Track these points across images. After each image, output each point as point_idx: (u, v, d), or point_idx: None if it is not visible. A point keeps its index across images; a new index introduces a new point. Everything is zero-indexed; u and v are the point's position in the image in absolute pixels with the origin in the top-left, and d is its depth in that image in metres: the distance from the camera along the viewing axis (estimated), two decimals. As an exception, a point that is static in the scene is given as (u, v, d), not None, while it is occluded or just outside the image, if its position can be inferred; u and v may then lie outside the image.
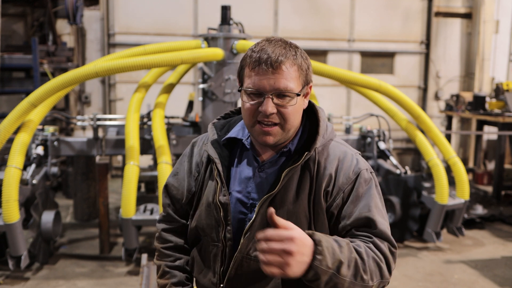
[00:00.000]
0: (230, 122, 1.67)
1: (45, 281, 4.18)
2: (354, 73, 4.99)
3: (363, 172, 1.50)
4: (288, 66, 1.41)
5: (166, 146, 4.51)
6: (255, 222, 1.47)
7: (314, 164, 1.50)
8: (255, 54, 1.43)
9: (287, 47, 1.45)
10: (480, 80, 9.20)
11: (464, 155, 9.46)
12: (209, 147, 1.59)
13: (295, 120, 1.48)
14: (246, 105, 1.46)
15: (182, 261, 1.70)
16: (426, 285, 4.25)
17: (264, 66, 1.40)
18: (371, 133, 5.57)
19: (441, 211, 4.89)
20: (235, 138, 1.59)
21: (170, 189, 1.72)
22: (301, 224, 1.46)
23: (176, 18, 8.40)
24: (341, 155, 1.52)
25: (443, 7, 9.21)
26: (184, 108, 6.28)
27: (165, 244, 1.72)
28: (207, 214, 1.57)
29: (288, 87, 1.41)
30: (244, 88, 1.45)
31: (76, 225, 5.71)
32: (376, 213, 1.46)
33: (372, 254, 1.38)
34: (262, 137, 1.46)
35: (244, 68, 1.47)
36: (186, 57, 4.37)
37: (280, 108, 1.42)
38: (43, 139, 4.83)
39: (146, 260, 4.02)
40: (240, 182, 1.56)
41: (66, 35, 8.21)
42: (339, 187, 1.48)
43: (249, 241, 1.48)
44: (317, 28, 8.83)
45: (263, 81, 1.41)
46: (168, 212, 1.73)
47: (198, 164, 1.66)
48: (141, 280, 3.72)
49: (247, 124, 1.49)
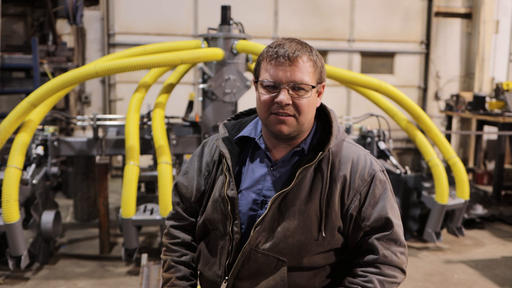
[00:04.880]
0: (241, 122, 1.70)
1: (45, 281, 4.18)
2: (354, 73, 4.99)
3: (378, 174, 1.56)
4: (304, 59, 1.47)
5: (166, 146, 4.51)
6: (267, 216, 1.51)
7: (327, 164, 1.53)
8: (272, 49, 1.49)
9: (303, 45, 1.52)
10: (480, 80, 9.19)
11: (464, 155, 9.46)
12: (220, 143, 1.62)
13: (309, 113, 1.52)
14: (262, 97, 1.50)
15: (188, 257, 1.73)
16: (426, 285, 4.25)
17: (282, 59, 1.45)
18: (371, 133, 5.56)
19: (441, 211, 4.89)
20: (247, 137, 1.63)
21: (179, 188, 1.75)
22: (311, 222, 1.51)
23: (176, 18, 8.40)
24: (355, 157, 1.56)
25: (443, 7, 9.20)
26: (184, 108, 6.28)
27: (173, 240, 1.76)
28: (213, 208, 1.61)
29: (304, 80, 1.46)
30: (260, 80, 1.50)
31: (76, 225, 5.71)
32: (392, 214, 1.55)
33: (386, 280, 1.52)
34: (277, 126, 1.49)
35: (261, 62, 1.52)
36: (186, 57, 4.37)
37: (295, 99, 1.47)
38: (43, 139, 4.83)
39: (146, 260, 4.02)
40: (251, 180, 1.59)
41: (66, 35, 8.21)
42: (356, 189, 1.53)
43: (259, 234, 1.51)
44: (317, 28, 8.83)
45: (279, 74, 1.46)
46: (177, 210, 1.76)
47: (208, 164, 1.69)
48: (141, 280, 3.72)
49: (262, 116, 1.53)
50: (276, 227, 1.51)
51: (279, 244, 1.50)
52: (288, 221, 1.50)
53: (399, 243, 1.55)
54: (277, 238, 1.51)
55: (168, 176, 4.31)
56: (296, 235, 1.50)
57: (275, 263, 1.51)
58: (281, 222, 1.51)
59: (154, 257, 4.44)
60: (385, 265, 1.52)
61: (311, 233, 1.51)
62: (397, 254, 1.54)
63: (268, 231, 1.51)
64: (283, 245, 1.50)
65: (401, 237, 1.56)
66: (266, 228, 1.51)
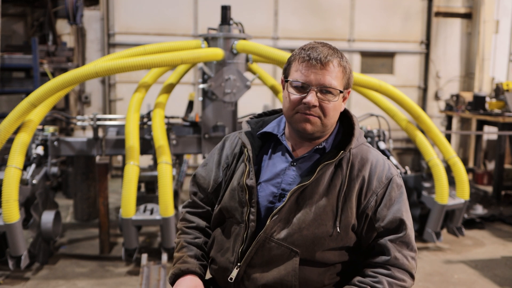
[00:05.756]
0: (264, 120, 1.76)
1: (45, 281, 4.18)
2: (354, 73, 4.98)
3: (395, 178, 1.62)
4: (335, 65, 1.52)
5: (166, 146, 4.51)
6: (284, 207, 1.55)
7: (347, 164, 1.58)
8: (305, 52, 1.54)
9: (335, 50, 1.56)
10: (480, 80, 9.19)
11: (464, 155, 9.46)
12: (243, 135, 1.68)
13: (334, 116, 1.57)
14: (292, 96, 1.54)
15: (201, 240, 1.77)
16: (426, 285, 4.25)
17: (314, 61, 1.50)
18: (371, 133, 5.56)
19: (441, 211, 4.89)
20: (270, 133, 1.69)
21: (197, 178, 1.82)
22: (327, 217, 1.55)
23: (176, 18, 8.40)
24: (374, 160, 1.62)
25: (443, 7, 9.20)
26: (184, 108, 6.28)
27: (187, 223, 1.81)
28: (231, 196, 1.66)
29: (333, 84, 1.51)
30: (291, 80, 1.55)
31: (76, 225, 5.71)
32: (406, 217, 1.60)
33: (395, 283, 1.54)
34: (302, 124, 1.54)
35: (292, 63, 1.57)
36: (186, 57, 4.37)
37: (322, 102, 1.52)
38: (43, 139, 4.82)
39: (146, 260, 4.02)
40: (271, 173, 1.63)
41: (66, 35, 8.21)
42: (373, 190, 1.58)
43: (275, 224, 1.56)
44: (317, 28, 8.83)
45: (310, 75, 1.51)
46: (194, 199, 1.83)
47: (228, 156, 1.74)
48: (141, 280, 3.72)
49: (288, 114, 1.58)
50: (292, 219, 1.55)
51: (294, 235, 1.54)
52: (305, 214, 1.55)
53: (411, 248, 1.59)
54: (292, 229, 1.55)
55: (168, 176, 4.31)
56: (311, 228, 1.54)
57: (288, 253, 1.54)
58: (297, 214, 1.56)
59: (154, 257, 4.44)
60: (396, 268, 1.55)
61: (326, 228, 1.55)
62: (408, 258, 1.57)
63: (284, 222, 1.56)
64: (298, 236, 1.54)
65: (413, 241, 1.61)
66: (282, 218, 1.56)
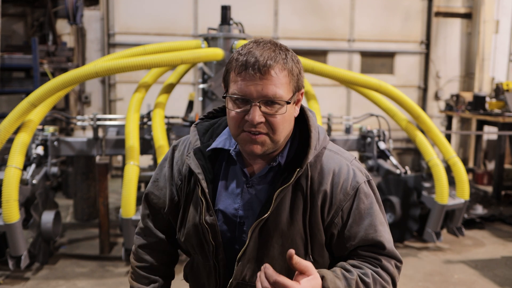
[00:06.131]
0: (214, 126, 1.53)
1: (45, 281, 4.18)
2: (354, 73, 4.99)
3: (362, 186, 1.40)
4: (277, 71, 1.28)
5: (166, 146, 4.51)
6: (248, 247, 1.39)
7: (306, 180, 1.38)
8: (242, 57, 1.29)
9: (277, 50, 1.31)
10: (480, 80, 9.20)
11: (464, 155, 9.46)
12: (192, 159, 1.44)
13: (285, 130, 1.35)
14: (231, 113, 1.32)
15: (156, 285, 1.62)
16: (426, 285, 4.25)
17: (251, 70, 1.26)
18: (371, 133, 5.57)
19: (441, 211, 4.89)
20: (221, 148, 1.46)
21: (150, 197, 1.60)
22: (297, 246, 1.39)
23: (176, 18, 8.40)
24: (336, 168, 1.40)
25: (443, 7, 9.21)
26: (184, 108, 6.28)
27: (140, 263, 1.63)
28: (195, 233, 1.46)
29: (277, 94, 1.28)
30: (229, 95, 1.32)
31: (76, 225, 5.71)
32: (383, 231, 1.41)
33: (379, 281, 1.37)
34: (249, 146, 1.33)
35: (230, 72, 1.33)
36: (186, 57, 4.37)
37: (268, 117, 1.29)
38: (43, 139, 4.83)
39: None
40: (226, 198, 1.45)
41: (66, 35, 8.21)
42: (337, 205, 1.38)
43: (243, 267, 1.41)
44: (317, 28, 8.83)
45: (250, 87, 1.27)
46: (146, 225, 1.62)
47: (180, 171, 1.52)
48: (141, 280, 3.71)
49: (233, 133, 1.36)
50: (261, 256, 1.40)
51: None
52: (272, 249, 1.39)
53: (396, 258, 1.44)
54: None
55: (168, 176, 4.30)
56: (282, 262, 1.38)
57: None
58: (264, 251, 1.39)
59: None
60: (382, 270, 1.41)
61: None
62: (392, 263, 1.42)
63: (253, 261, 1.40)
64: None
65: (396, 253, 1.43)
66: (250, 258, 1.40)
